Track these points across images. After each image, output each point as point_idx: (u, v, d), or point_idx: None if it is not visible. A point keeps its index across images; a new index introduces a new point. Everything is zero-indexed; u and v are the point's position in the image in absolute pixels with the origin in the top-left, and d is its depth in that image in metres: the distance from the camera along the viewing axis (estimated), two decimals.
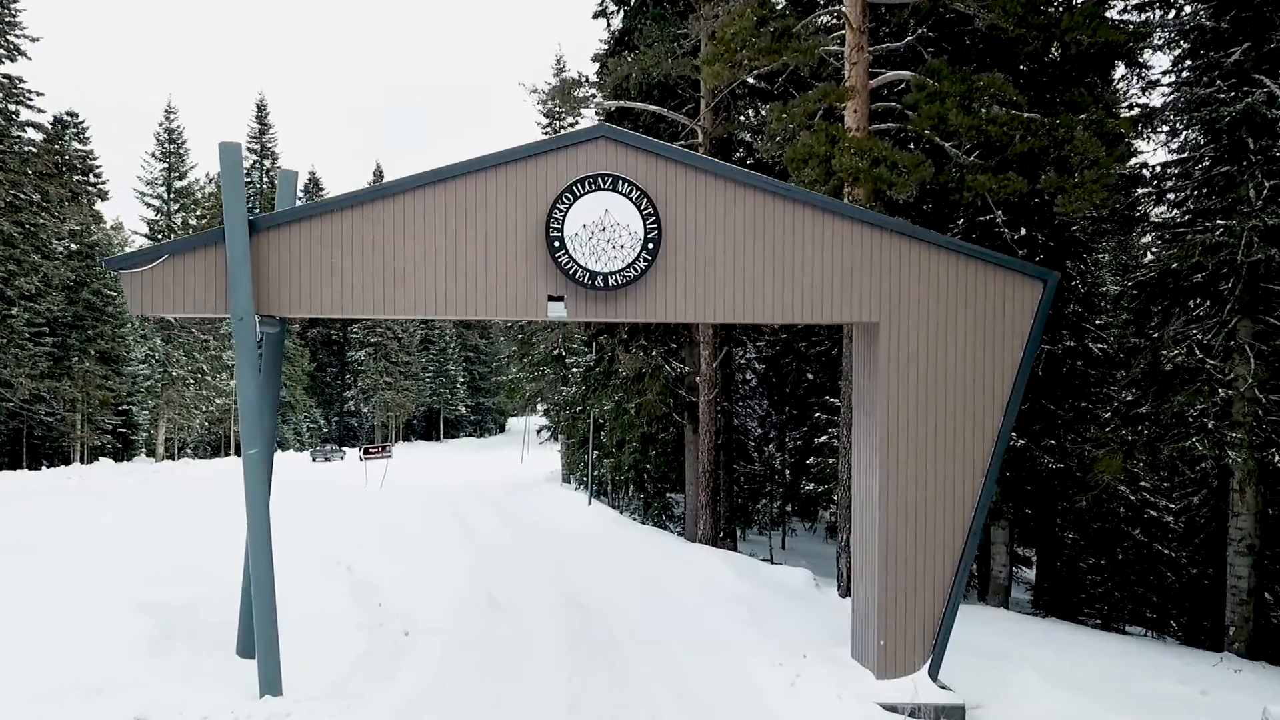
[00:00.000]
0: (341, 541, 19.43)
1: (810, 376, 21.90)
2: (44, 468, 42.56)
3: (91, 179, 58.34)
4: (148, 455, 51.62)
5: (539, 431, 47.06)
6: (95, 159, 57.98)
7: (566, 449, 38.34)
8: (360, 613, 13.23)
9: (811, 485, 20.11)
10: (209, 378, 49.11)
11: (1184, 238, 14.72)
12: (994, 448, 10.34)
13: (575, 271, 9.81)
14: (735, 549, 23.21)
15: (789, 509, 33.10)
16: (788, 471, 26.02)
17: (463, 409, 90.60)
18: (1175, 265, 14.68)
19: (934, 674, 10.24)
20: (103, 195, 59.86)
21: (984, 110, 12.21)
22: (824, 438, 19.74)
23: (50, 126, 56.60)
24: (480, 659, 11.79)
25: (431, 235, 9.85)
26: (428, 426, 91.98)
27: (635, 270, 9.87)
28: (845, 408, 16.04)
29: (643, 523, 27.80)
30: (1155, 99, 16.39)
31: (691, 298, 10.06)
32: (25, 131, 44.46)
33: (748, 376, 33.19)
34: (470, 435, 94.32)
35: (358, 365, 79.30)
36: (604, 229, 9.85)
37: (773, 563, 21.72)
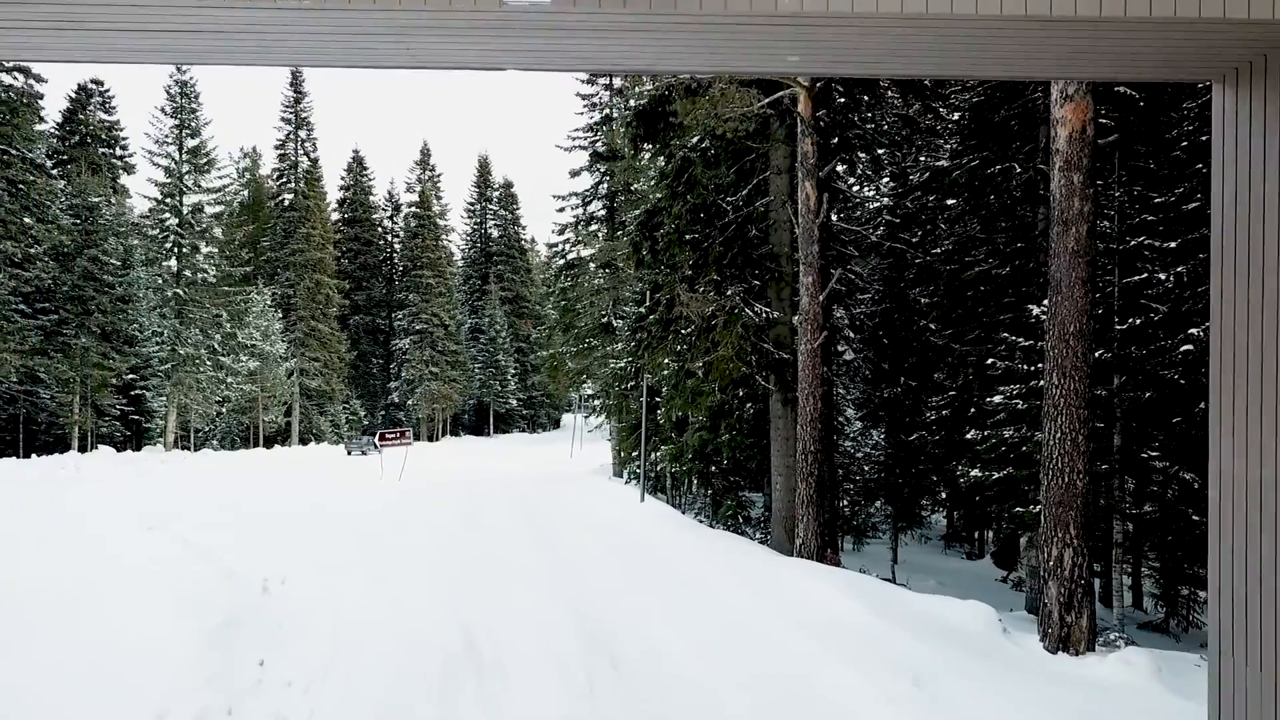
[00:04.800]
0: (290, 547, 13.78)
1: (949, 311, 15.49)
2: (39, 456, 38.09)
3: (117, 151, 54.51)
4: (164, 447, 47.16)
5: (588, 417, 41.05)
6: (121, 129, 54.10)
7: (617, 436, 32.26)
8: (206, 682, 7.32)
9: (978, 471, 13.44)
10: (223, 358, 44.07)
11: None
12: None
13: None
14: (839, 564, 16.90)
15: (878, 511, 26.83)
16: (913, 459, 19.54)
17: (514, 402, 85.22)
18: None
19: None
20: (128, 169, 56.00)
21: None
22: (996, 398, 13.24)
23: (74, 95, 52.93)
24: None
25: None
26: (478, 420, 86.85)
27: None
28: (1056, 338, 9.70)
29: (711, 526, 21.48)
30: None
31: None
32: (13, 78, 39.53)
33: (839, 348, 26.79)
34: (522, 430, 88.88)
35: (402, 354, 74.45)
36: None
37: (895, 583, 15.40)
